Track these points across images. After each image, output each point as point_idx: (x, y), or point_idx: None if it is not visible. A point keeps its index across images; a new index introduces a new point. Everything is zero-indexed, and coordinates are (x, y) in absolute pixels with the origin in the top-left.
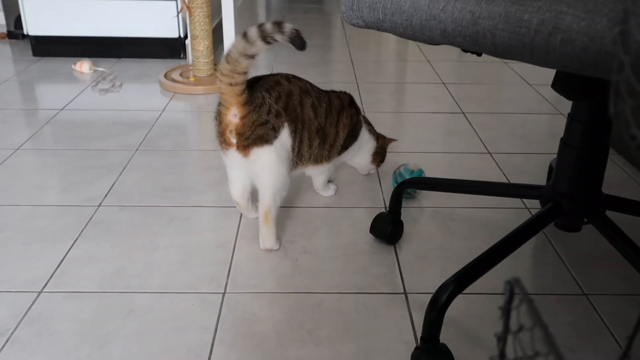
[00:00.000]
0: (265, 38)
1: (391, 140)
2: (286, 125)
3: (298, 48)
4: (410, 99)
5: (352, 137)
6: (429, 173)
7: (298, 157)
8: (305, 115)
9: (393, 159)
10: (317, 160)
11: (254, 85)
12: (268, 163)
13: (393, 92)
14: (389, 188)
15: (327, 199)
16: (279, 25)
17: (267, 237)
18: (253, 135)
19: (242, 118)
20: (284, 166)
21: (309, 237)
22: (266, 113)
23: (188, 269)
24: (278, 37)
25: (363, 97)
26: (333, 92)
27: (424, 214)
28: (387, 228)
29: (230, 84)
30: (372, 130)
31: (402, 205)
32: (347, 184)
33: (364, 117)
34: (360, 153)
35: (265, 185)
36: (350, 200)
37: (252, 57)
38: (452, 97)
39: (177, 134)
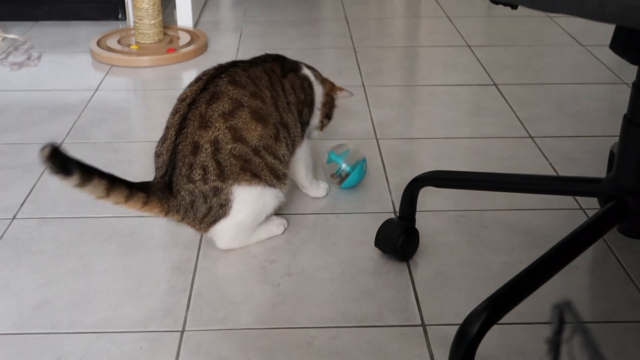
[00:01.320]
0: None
1: (340, 89)
2: (238, 185)
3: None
4: (425, 67)
5: (306, 105)
6: (450, 164)
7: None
8: (258, 142)
9: (396, 148)
10: (291, 152)
11: (170, 166)
12: (232, 230)
13: (401, 58)
14: (398, 186)
15: (317, 203)
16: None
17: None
18: (204, 224)
19: (182, 220)
20: (256, 212)
21: (294, 254)
22: (203, 202)
23: (134, 299)
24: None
25: (362, 67)
26: (261, 62)
27: (445, 219)
28: (398, 239)
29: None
30: (316, 74)
31: (417, 209)
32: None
33: (296, 63)
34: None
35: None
36: (349, 204)
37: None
38: (480, 63)
39: (115, 120)
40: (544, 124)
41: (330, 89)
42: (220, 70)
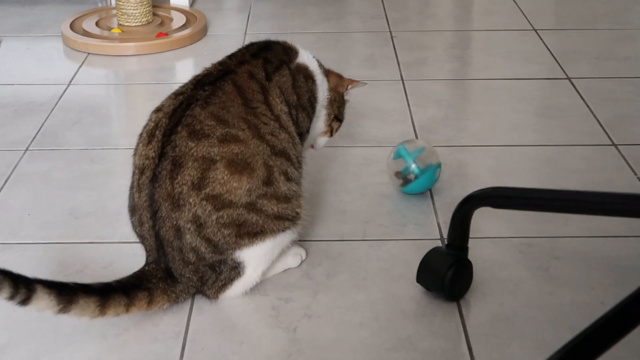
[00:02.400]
0: None
1: (352, 81)
2: (240, 251)
3: None
4: (479, 56)
5: (301, 109)
6: (513, 179)
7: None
8: (248, 198)
9: (444, 158)
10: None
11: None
12: (246, 287)
13: (450, 45)
14: (446, 206)
15: (343, 227)
16: None
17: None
18: (214, 289)
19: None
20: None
21: (314, 291)
22: (212, 272)
23: (118, 347)
24: None
25: (401, 56)
26: (235, 66)
27: (506, 248)
28: (446, 273)
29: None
30: (319, 63)
31: (470, 235)
32: (377, 200)
33: (289, 49)
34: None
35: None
36: (384, 228)
37: None
38: (550, 52)
39: (93, 122)
40: (631, 127)
41: (338, 83)
42: (176, 117)
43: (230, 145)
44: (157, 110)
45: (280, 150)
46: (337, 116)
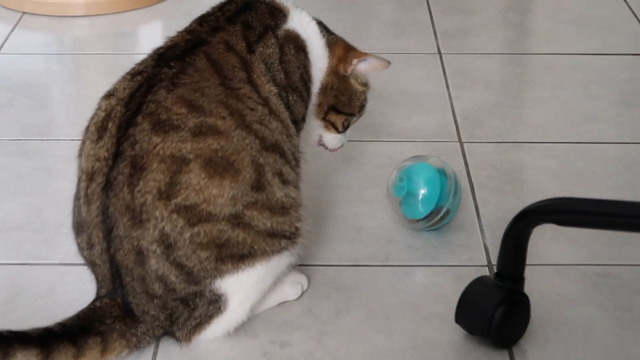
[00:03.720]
0: None
1: (360, 55)
2: (222, 279)
3: None
4: (543, 24)
5: (292, 90)
6: (585, 187)
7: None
8: (232, 208)
9: (493, 158)
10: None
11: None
12: (232, 324)
13: (503, 9)
14: (496, 222)
15: (359, 249)
16: None
17: None
18: (186, 330)
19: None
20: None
21: (319, 333)
22: (184, 308)
23: None
24: None
25: (438, 23)
26: (206, 34)
27: (576, 279)
28: (495, 311)
29: None
30: (321, 29)
31: (527, 261)
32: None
33: (276, 8)
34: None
35: None
36: (412, 250)
37: None
38: (637, 18)
39: (28, 104)
40: None
41: (341, 59)
42: (134, 104)
43: (207, 139)
44: (108, 95)
45: (272, 144)
46: (334, 107)
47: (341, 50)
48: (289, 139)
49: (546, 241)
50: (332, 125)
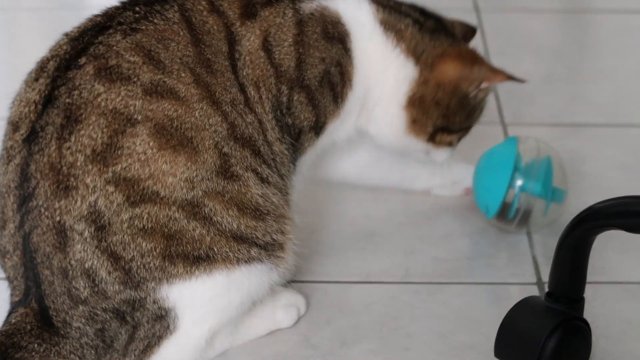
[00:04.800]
0: None
1: (497, 75)
2: (169, 286)
3: None
4: None
5: (303, 89)
6: None
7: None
8: (187, 191)
9: (551, 143)
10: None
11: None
12: (191, 349)
13: None
14: (549, 227)
15: (369, 261)
16: None
17: None
18: (134, 356)
19: None
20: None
21: None
22: (119, 324)
23: None
24: None
25: None
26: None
27: None
28: (546, 342)
29: None
30: (391, 15)
31: (588, 278)
32: (430, 214)
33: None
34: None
35: None
36: (440, 263)
37: None
38: None
39: None
40: None
41: (460, 74)
42: (82, 42)
43: (163, 101)
44: (64, 35)
45: (244, 137)
46: (446, 128)
47: (457, 64)
48: (267, 144)
49: (612, 253)
50: (447, 144)
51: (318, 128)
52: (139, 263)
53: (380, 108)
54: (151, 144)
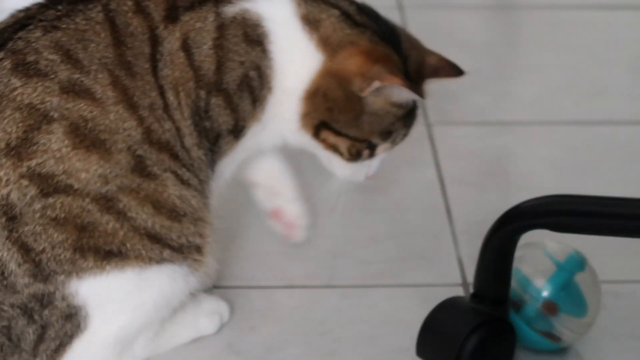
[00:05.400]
0: None
1: (393, 77)
2: (79, 279)
3: None
4: None
5: (220, 92)
6: (591, 180)
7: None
8: (101, 185)
9: (471, 144)
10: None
11: None
12: (103, 350)
13: None
14: (474, 226)
15: (294, 264)
16: None
17: None
18: (45, 357)
19: None
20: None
21: None
22: (27, 322)
23: None
24: None
25: None
26: None
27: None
28: (465, 342)
29: None
30: (309, 9)
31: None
32: (357, 214)
33: None
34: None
35: None
36: (367, 265)
37: None
38: None
39: None
40: None
41: (357, 72)
42: (1, 37)
43: (79, 101)
44: None
45: (160, 142)
46: (327, 124)
47: (360, 58)
48: (185, 150)
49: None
50: (333, 149)
51: (237, 132)
52: (49, 255)
53: (288, 104)
54: (66, 142)
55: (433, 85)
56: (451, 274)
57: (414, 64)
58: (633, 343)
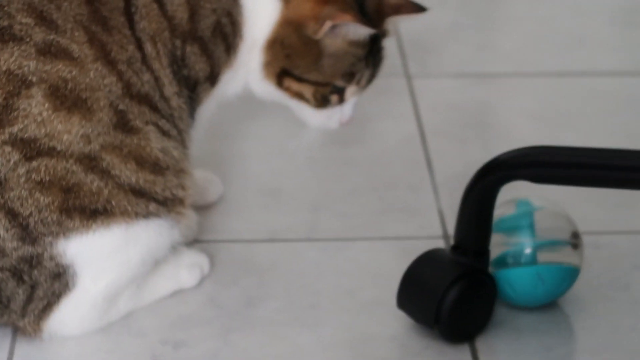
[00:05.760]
0: None
1: (340, 16)
2: (66, 239)
3: None
4: None
5: (193, 39)
6: (572, 133)
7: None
8: (83, 145)
9: (450, 94)
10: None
11: None
12: (91, 308)
13: None
14: (453, 179)
15: (273, 218)
16: None
17: None
18: (33, 316)
19: None
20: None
21: (225, 329)
22: (16, 284)
23: None
24: None
25: None
26: None
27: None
28: (446, 294)
29: None
30: None
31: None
32: (337, 168)
33: None
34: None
35: None
36: (346, 218)
37: None
38: None
39: None
40: None
41: (308, 15)
42: None
43: (57, 62)
44: None
45: (140, 95)
46: (287, 71)
47: (311, 1)
48: (165, 100)
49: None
50: (298, 96)
51: (213, 78)
52: (36, 218)
53: (252, 54)
54: (46, 105)
55: (412, 36)
56: (432, 226)
57: (372, 3)
58: (614, 293)
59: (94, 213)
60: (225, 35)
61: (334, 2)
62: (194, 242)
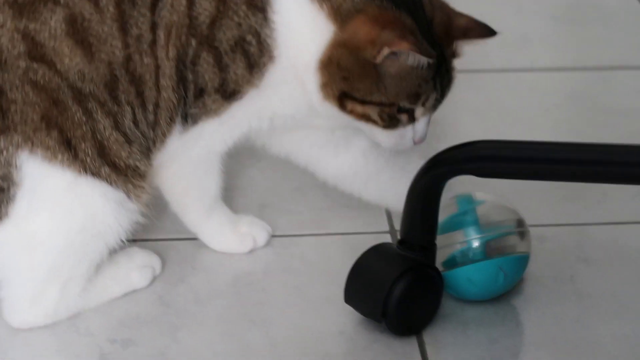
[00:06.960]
0: None
1: (402, 41)
2: (30, 151)
3: None
4: None
5: (210, 48)
6: (516, 127)
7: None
8: (75, 77)
9: None
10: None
11: None
12: (25, 265)
13: None
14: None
15: None
16: None
17: None
18: None
19: None
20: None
21: (173, 328)
22: None
23: None
24: None
25: None
26: None
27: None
28: (393, 289)
29: None
30: None
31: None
32: (283, 164)
33: None
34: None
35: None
36: (294, 216)
37: None
38: None
39: None
40: None
41: (366, 40)
42: None
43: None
44: None
45: (134, 74)
46: (347, 94)
47: (368, 25)
48: (157, 90)
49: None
50: (365, 119)
51: (226, 93)
52: (19, 107)
53: (307, 76)
54: (63, 26)
55: None
56: (378, 222)
57: (440, 26)
58: (559, 285)
59: (66, 144)
60: (249, 53)
61: (394, 25)
62: (142, 241)
